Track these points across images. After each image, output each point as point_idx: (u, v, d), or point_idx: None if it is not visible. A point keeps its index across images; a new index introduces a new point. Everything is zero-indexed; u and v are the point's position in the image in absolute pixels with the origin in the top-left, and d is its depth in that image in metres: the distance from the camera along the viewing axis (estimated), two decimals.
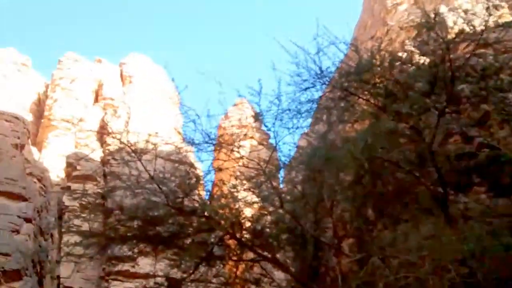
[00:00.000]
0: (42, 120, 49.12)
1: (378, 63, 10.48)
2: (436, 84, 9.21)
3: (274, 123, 9.35)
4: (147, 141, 8.81)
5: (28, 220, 26.23)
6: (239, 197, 9.09)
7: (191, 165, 12.80)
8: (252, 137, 16.47)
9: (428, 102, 9.30)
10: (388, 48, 12.18)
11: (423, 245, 6.50)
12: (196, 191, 9.24)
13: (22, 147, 34.05)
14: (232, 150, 9.25)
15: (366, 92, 10.29)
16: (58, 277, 30.58)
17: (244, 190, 9.17)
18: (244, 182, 9.32)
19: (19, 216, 25.79)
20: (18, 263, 23.74)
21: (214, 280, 10.56)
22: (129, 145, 8.51)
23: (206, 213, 8.29)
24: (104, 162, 36.97)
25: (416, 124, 8.99)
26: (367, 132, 9.10)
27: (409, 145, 9.65)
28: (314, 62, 9.98)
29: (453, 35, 9.77)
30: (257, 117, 9.34)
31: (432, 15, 10.20)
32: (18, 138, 33.69)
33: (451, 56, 9.16)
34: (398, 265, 7.05)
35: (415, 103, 9.13)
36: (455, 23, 10.42)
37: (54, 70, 53.33)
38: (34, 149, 41.81)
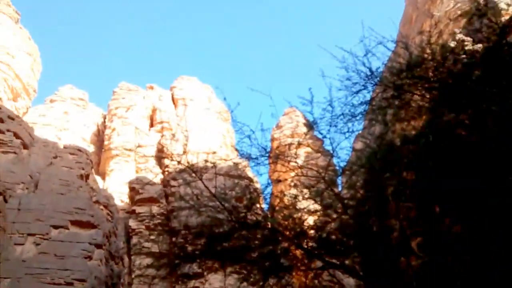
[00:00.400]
0: (103, 150, 51.39)
1: (429, 56, 10.20)
2: (493, 71, 8.84)
3: (329, 130, 9.30)
4: (206, 161, 8.99)
5: (99, 246, 27.30)
6: (301, 206, 9.06)
7: (250, 180, 12.88)
8: (306, 145, 16.43)
9: (487, 90, 8.93)
10: (438, 40, 11.85)
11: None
12: (257, 205, 9.30)
13: (87, 177, 35.68)
14: (289, 161, 9.26)
15: (420, 88, 10.04)
16: None
17: (305, 199, 9.13)
18: (304, 191, 9.28)
19: (90, 243, 26.89)
20: (93, 287, 24.74)
21: None
22: (189, 165, 8.72)
23: (270, 225, 8.30)
24: (164, 184, 38.05)
25: (477, 114, 8.64)
26: (426, 129, 8.85)
27: (471, 137, 9.29)
28: (363, 64, 9.87)
29: (508, 18, 9.35)
30: (311, 125, 9.31)
31: (482, 1, 9.83)
32: (83, 169, 35.35)
33: (508, 40, 8.77)
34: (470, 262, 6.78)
35: (473, 93, 8.80)
36: (509, 5, 9.96)
37: (110, 100, 55.86)
38: (98, 178, 43.74)
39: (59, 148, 37.91)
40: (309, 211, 8.98)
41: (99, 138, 56.20)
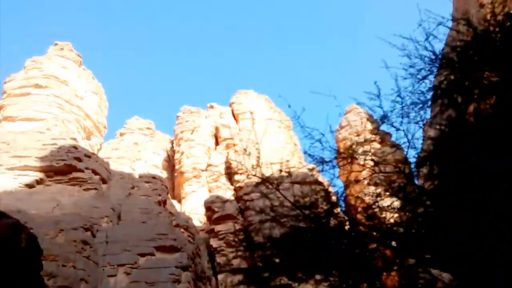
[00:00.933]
0: (175, 174, 53.01)
1: (495, 29, 9.57)
2: None
3: (401, 121, 8.93)
4: (281, 170, 8.95)
5: (185, 269, 27.99)
6: (384, 204, 8.73)
7: (323, 185, 12.67)
8: (378, 141, 15.94)
9: None
10: (503, 10, 11.10)
11: None
12: (338, 209, 9.10)
13: (164, 202, 36.92)
14: (364, 159, 8.97)
15: (490, 64, 9.42)
16: None
17: (387, 196, 8.77)
18: (385, 187, 8.92)
19: (176, 267, 27.64)
20: None
21: None
22: (264, 178, 8.71)
23: (354, 228, 8.07)
24: (238, 199, 38.50)
25: None
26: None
27: None
28: (425, 48, 9.43)
29: None
30: (382, 119, 9.00)
31: None
32: (159, 195, 36.64)
33: None
34: None
35: None
36: None
37: (175, 125, 57.69)
38: (174, 202, 45.09)
39: (135, 178, 39.59)
40: (393, 208, 8.64)
41: (170, 163, 58.10)
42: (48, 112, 42.31)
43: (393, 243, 7.90)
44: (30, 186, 32.93)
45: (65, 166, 34.48)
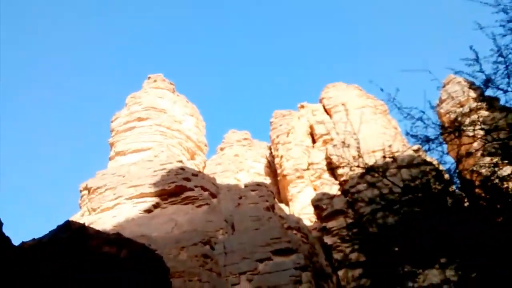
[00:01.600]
0: (278, 178, 53.62)
1: None
2: None
3: (508, 82, 8.13)
4: (384, 157, 8.58)
5: (304, 269, 28.10)
6: (504, 174, 8.00)
7: (432, 165, 12.02)
8: (481, 108, 14.74)
9: None
10: None
11: None
12: (452, 186, 8.53)
13: (272, 207, 37.46)
14: (473, 130, 8.31)
15: None
16: None
17: (505, 165, 8.01)
18: (499, 155, 8.16)
19: (295, 268, 27.85)
20: None
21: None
22: (368, 166, 8.43)
23: (474, 203, 7.52)
24: (345, 193, 37.90)
25: None
26: None
27: None
28: None
29: None
30: (487, 83, 8.25)
31: None
32: (267, 201, 37.26)
33: None
34: None
35: None
36: None
37: (270, 131, 58.47)
38: (282, 205, 45.58)
39: (241, 188, 40.73)
40: None
41: (271, 168, 58.92)
42: (153, 141, 45.17)
43: None
44: (148, 211, 35.32)
45: (176, 187, 36.50)
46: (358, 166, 8.49)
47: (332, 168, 41.29)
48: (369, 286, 7.90)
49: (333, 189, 38.95)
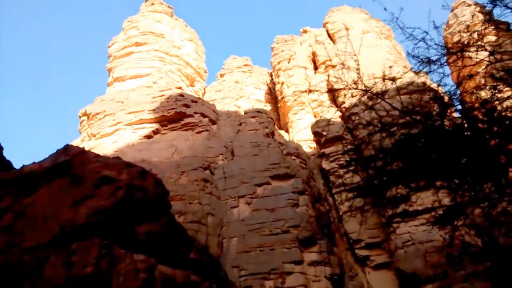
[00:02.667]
0: (278, 105, 53.45)
1: None
2: None
3: None
4: (384, 77, 8.32)
5: (301, 193, 28.77)
6: (504, 96, 7.80)
7: (433, 90, 11.79)
8: (486, 30, 14.19)
9: None
10: None
11: None
12: (452, 109, 8.38)
13: (272, 134, 37.66)
14: (476, 51, 7.98)
15: None
16: (346, 233, 32.76)
17: (505, 87, 7.78)
18: (502, 78, 7.92)
19: (293, 192, 28.51)
20: (308, 231, 26.26)
21: (500, 196, 9.44)
22: (368, 88, 8.24)
23: (472, 126, 7.43)
24: (345, 120, 37.90)
25: None
26: None
27: None
28: None
29: None
30: (495, 1, 7.78)
31: None
32: (266, 127, 37.38)
33: None
34: None
35: None
36: None
37: (271, 57, 57.36)
38: (282, 132, 45.80)
39: (241, 115, 40.74)
40: None
41: (272, 95, 58.58)
42: (151, 66, 44.49)
43: None
44: (148, 137, 35.55)
45: (176, 114, 36.48)
46: (356, 88, 8.30)
47: (333, 95, 40.94)
48: (362, 207, 8.05)
49: (333, 115, 38.90)
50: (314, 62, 52.02)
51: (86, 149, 19.64)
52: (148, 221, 11.41)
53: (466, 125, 7.47)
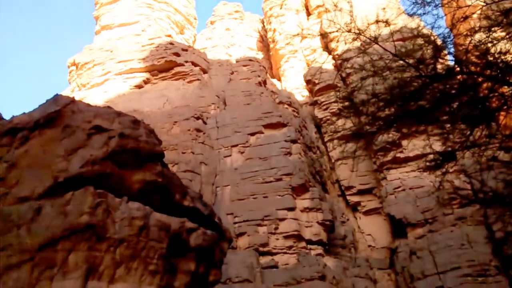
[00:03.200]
0: (271, 53, 52.64)
1: None
2: None
3: None
4: (378, 20, 8.09)
5: (294, 142, 28.94)
6: (498, 37, 7.65)
7: (427, 35, 11.60)
8: None
9: None
10: None
11: None
12: (445, 52, 8.24)
13: (264, 82, 37.32)
14: None
15: None
16: (337, 180, 33.31)
17: (502, 27, 7.60)
18: (496, 20, 7.73)
19: (286, 140, 28.66)
20: (301, 179, 26.63)
21: (490, 142, 9.52)
22: (360, 31, 8.04)
23: (465, 70, 7.35)
24: (338, 68, 37.57)
25: None
26: None
27: None
28: None
29: None
30: None
31: None
32: (258, 76, 37.01)
33: None
34: None
35: None
36: None
37: (263, 3, 55.87)
38: (274, 81, 45.41)
39: (232, 64, 40.18)
40: (510, 39, 7.50)
41: (264, 43, 57.56)
42: (140, 13, 43.25)
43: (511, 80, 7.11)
44: (139, 87, 35.13)
45: (166, 62, 35.88)
46: (350, 31, 8.11)
47: (326, 42, 40.29)
48: (354, 152, 8.10)
49: (326, 59, 38.48)
50: (306, 8, 50.83)
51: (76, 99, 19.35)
52: (142, 170, 11.43)
53: (459, 69, 7.39)
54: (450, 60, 8.06)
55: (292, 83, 45.05)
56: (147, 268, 9.78)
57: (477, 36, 7.60)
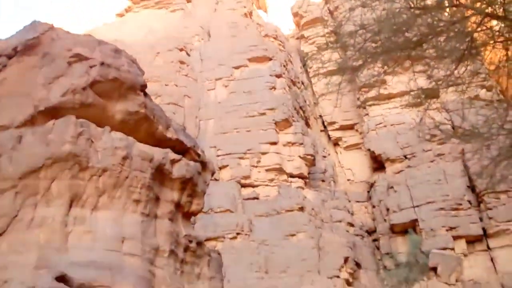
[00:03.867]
0: None
1: None
2: None
3: None
4: None
5: (279, 76, 28.71)
6: None
7: None
8: None
9: None
10: None
11: None
12: None
13: (250, 14, 36.31)
14: None
15: None
16: (320, 116, 33.54)
17: None
18: None
19: (270, 75, 28.41)
20: (284, 113, 26.73)
21: (474, 79, 9.54)
22: None
23: (455, 2, 7.19)
24: (326, 1, 36.59)
25: None
26: None
27: None
28: None
29: None
30: None
31: None
32: (244, 7, 35.92)
33: None
34: None
35: None
36: None
37: None
38: (260, 12, 44.19)
39: None
40: None
41: None
42: None
43: (501, 12, 7.00)
44: (120, 15, 33.92)
45: None
46: None
47: None
48: (338, 85, 8.05)
49: None
50: None
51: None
52: (124, 101, 11.28)
53: (447, 1, 7.26)
54: None
55: (279, 15, 43.97)
56: (130, 197, 9.91)
57: None
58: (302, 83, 33.02)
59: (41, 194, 9.15)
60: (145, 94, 12.05)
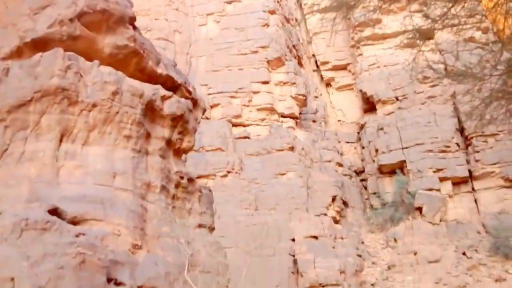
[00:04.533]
0: None
1: None
2: None
3: None
4: None
5: (272, 12, 27.90)
6: None
7: None
8: None
9: None
10: None
11: None
12: None
13: None
14: None
15: None
16: (313, 55, 33.02)
17: None
18: None
19: (264, 11, 27.60)
20: (277, 52, 26.27)
21: (469, 21, 9.29)
22: None
23: None
24: None
25: None
26: None
27: None
28: None
29: None
30: None
31: None
32: None
33: None
34: None
35: None
36: None
37: None
38: None
39: None
40: None
41: None
42: None
43: None
44: None
45: None
46: None
47: None
48: (333, 19, 7.79)
49: None
50: None
51: None
52: (113, 34, 10.93)
53: None
54: None
55: None
56: (121, 133, 9.87)
57: None
58: (296, 20, 32.21)
59: (31, 128, 9.08)
60: (134, 28, 11.68)
